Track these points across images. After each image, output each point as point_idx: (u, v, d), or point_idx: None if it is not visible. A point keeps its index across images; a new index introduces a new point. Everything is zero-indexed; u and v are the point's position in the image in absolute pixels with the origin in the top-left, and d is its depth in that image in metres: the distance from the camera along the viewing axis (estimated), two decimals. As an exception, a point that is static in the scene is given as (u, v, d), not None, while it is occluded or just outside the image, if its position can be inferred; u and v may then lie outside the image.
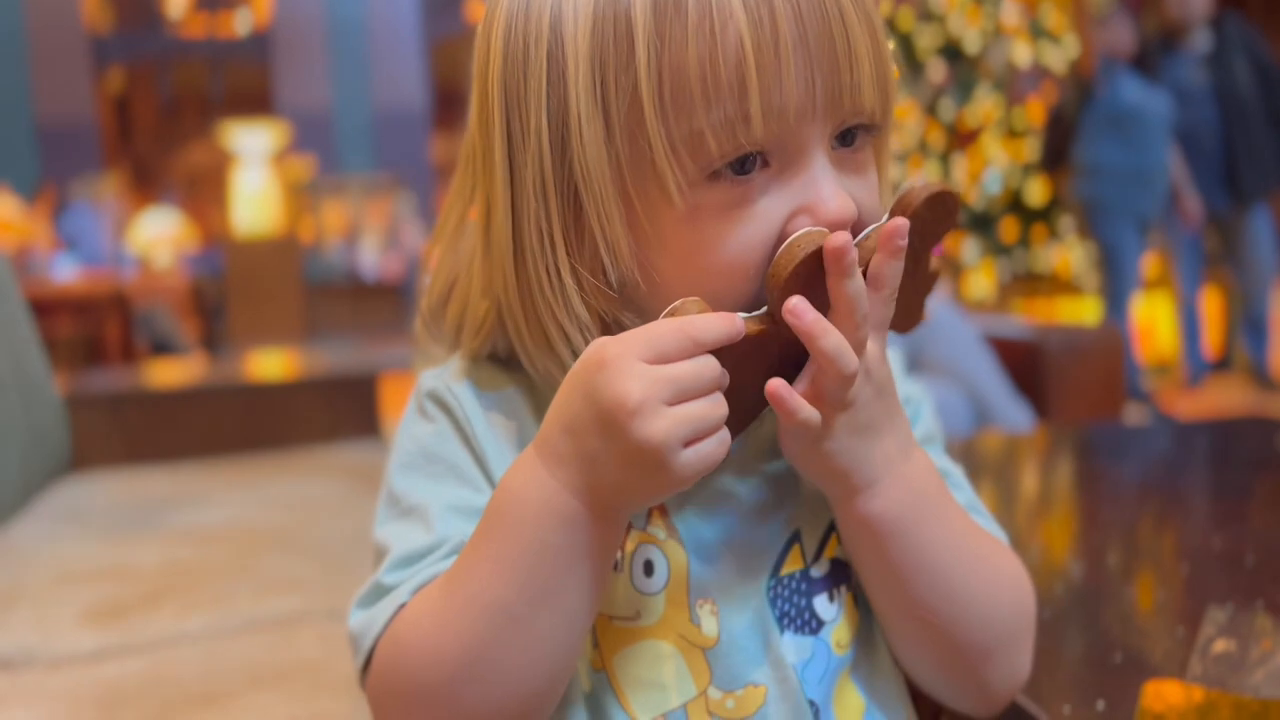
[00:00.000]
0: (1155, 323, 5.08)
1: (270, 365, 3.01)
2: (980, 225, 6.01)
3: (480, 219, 0.56)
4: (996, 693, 0.57)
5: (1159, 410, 4.01)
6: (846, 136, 0.51)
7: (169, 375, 2.81)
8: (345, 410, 2.14)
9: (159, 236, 8.92)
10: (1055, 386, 2.23)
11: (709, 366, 0.46)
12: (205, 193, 11.37)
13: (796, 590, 0.56)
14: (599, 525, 0.47)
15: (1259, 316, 4.37)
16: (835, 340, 0.47)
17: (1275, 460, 1.32)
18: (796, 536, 0.56)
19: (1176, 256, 4.46)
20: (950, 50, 6.06)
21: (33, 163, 10.04)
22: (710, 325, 0.46)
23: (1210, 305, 4.83)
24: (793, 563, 0.56)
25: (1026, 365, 2.26)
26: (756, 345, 0.48)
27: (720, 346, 0.47)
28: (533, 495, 0.47)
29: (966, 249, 5.96)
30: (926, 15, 6.05)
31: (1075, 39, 6.12)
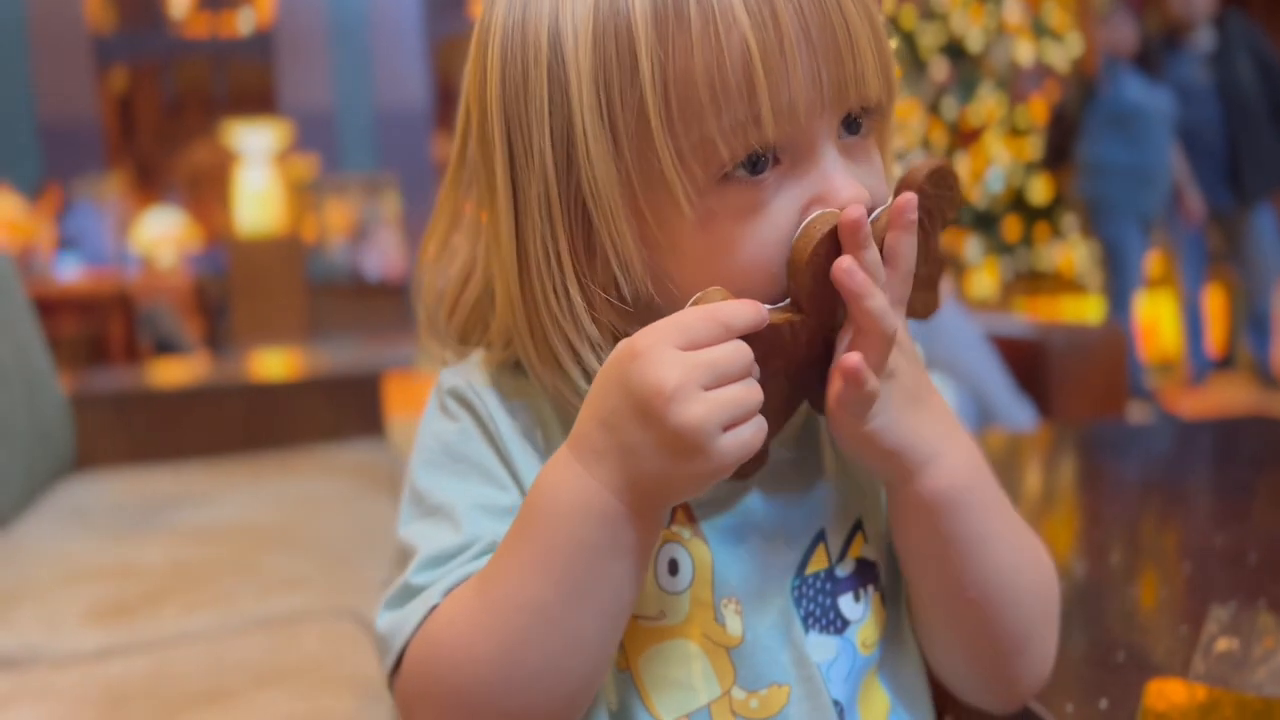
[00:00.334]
0: (1158, 321, 5.08)
1: (274, 364, 3.01)
2: (983, 224, 6.00)
3: (489, 240, 0.55)
4: (1024, 685, 0.57)
5: (1162, 408, 4.01)
6: (851, 125, 0.51)
7: (173, 375, 2.82)
8: (349, 409, 2.14)
9: (162, 236, 8.93)
10: (1058, 385, 2.23)
11: (742, 351, 0.46)
12: (208, 192, 11.38)
13: (821, 590, 0.55)
14: (637, 522, 0.47)
15: (1262, 315, 4.36)
16: (881, 301, 0.48)
17: (1278, 459, 1.32)
18: (821, 536, 0.56)
19: (1179, 255, 4.46)
20: (953, 49, 6.05)
21: (36, 162, 10.05)
22: (739, 310, 0.46)
23: (1213, 303, 4.83)
24: (818, 562, 0.56)
25: (1029, 364, 2.26)
26: (777, 341, 0.48)
27: (748, 332, 0.47)
28: (569, 493, 0.47)
29: (969, 247, 5.95)
30: (929, 14, 6.05)
31: (1078, 37, 6.11)
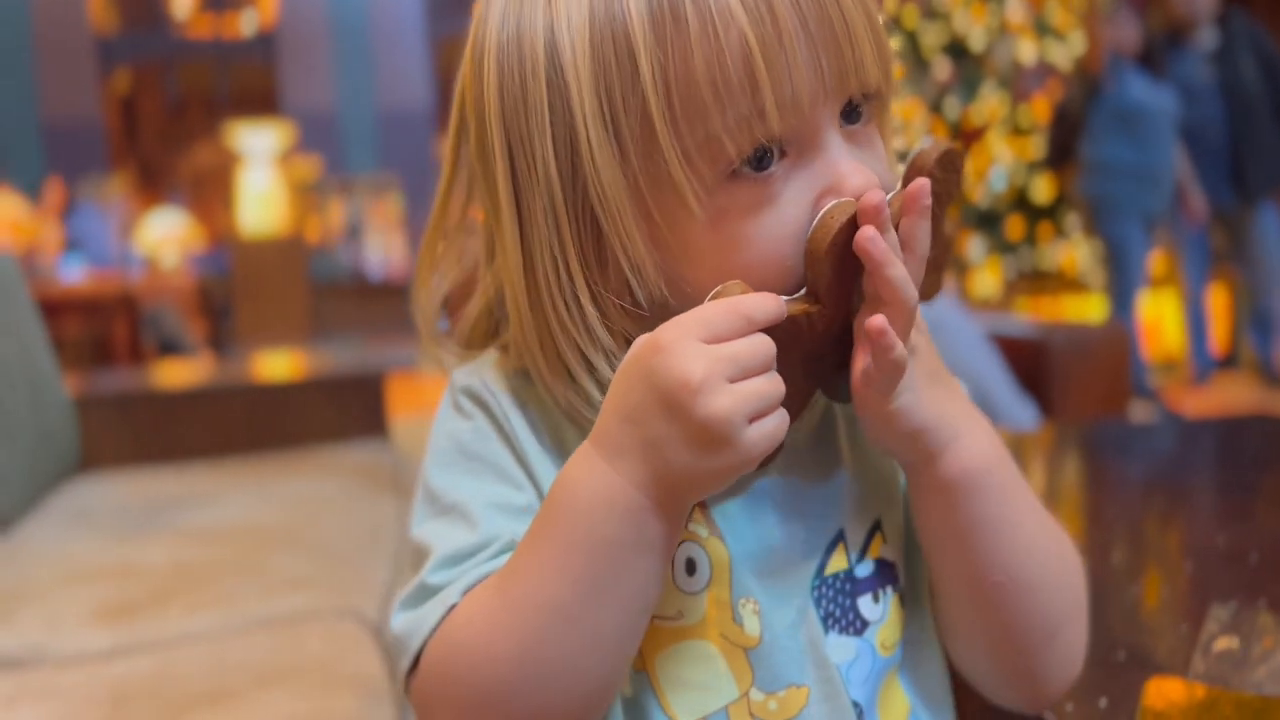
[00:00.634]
0: (1161, 320, 5.07)
1: (277, 365, 3.01)
2: (986, 223, 6.00)
3: (500, 258, 0.55)
4: (1053, 681, 0.56)
5: (1165, 408, 4.01)
6: (851, 115, 0.52)
7: (177, 375, 2.82)
8: (352, 410, 2.14)
9: (166, 236, 8.95)
10: (1061, 384, 2.23)
11: (764, 343, 0.46)
12: (211, 193, 11.39)
13: (841, 590, 0.55)
14: (661, 517, 0.47)
15: (1265, 313, 4.36)
16: (902, 271, 0.48)
17: (1280, 458, 1.32)
18: (840, 536, 0.56)
19: (1183, 253, 4.45)
20: (955, 48, 6.04)
21: (39, 164, 10.06)
22: (760, 303, 0.47)
23: (1217, 302, 4.82)
24: (837, 563, 0.55)
25: (1032, 363, 2.26)
26: (795, 332, 0.49)
27: (769, 325, 0.47)
28: (593, 489, 0.47)
29: (972, 247, 5.95)
30: (931, 13, 6.04)
31: (1080, 36, 6.10)
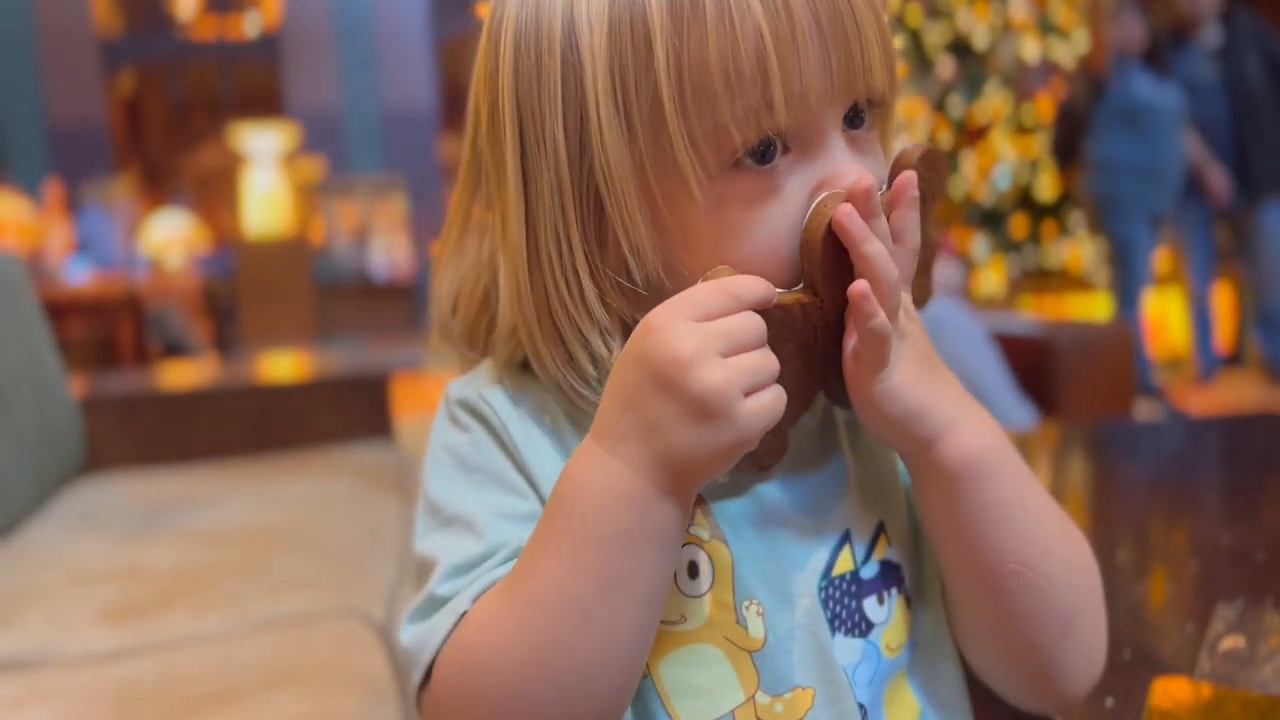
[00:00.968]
0: (1166, 318, 5.06)
1: (282, 366, 3.02)
2: (990, 221, 5.99)
3: (495, 230, 0.56)
4: (1073, 678, 0.55)
5: (1170, 406, 4.00)
6: (855, 120, 0.52)
7: (182, 377, 2.83)
8: (357, 411, 2.14)
9: (170, 238, 8.97)
10: (1066, 383, 2.23)
11: (754, 320, 0.47)
12: (216, 194, 11.42)
13: (847, 592, 0.55)
14: (666, 503, 0.47)
15: (1271, 311, 4.34)
16: (879, 248, 0.48)
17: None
18: (847, 537, 0.56)
19: (1188, 251, 4.44)
20: (959, 46, 6.03)
21: (44, 165, 10.09)
22: (748, 283, 0.47)
23: (1222, 300, 4.81)
24: (844, 564, 0.55)
25: (1037, 362, 2.26)
26: (789, 322, 0.49)
27: (758, 307, 0.47)
28: (596, 480, 0.47)
29: (976, 245, 5.94)
30: (935, 12, 6.03)
31: (1084, 34, 6.09)
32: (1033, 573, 0.53)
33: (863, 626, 0.55)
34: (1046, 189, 5.99)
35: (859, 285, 0.48)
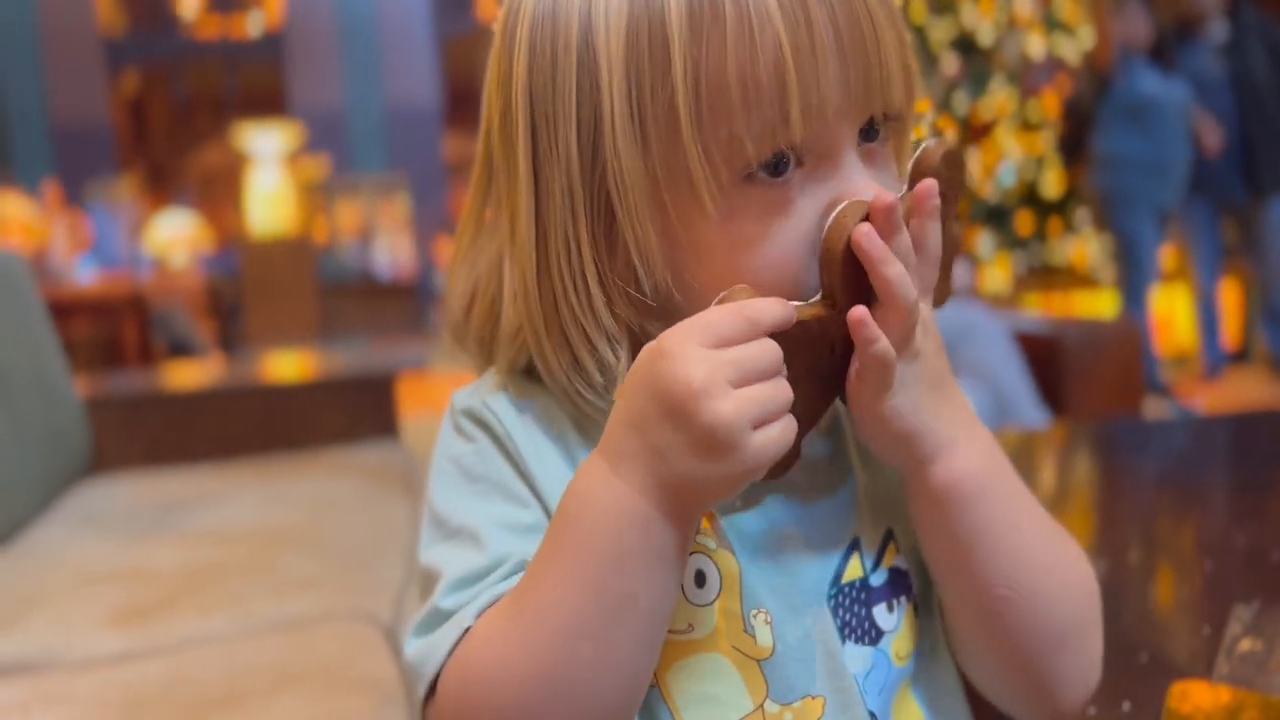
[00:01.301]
0: (1173, 314, 5.05)
1: (287, 366, 3.02)
2: (995, 218, 5.97)
3: (503, 230, 0.55)
4: (1066, 693, 0.55)
5: (1178, 403, 3.99)
6: (870, 133, 0.51)
7: (187, 377, 2.83)
8: (362, 411, 2.14)
9: (175, 237, 8.99)
10: (1073, 381, 2.22)
11: (770, 348, 0.46)
12: (220, 194, 11.42)
13: (857, 599, 0.55)
14: (671, 526, 0.46)
15: (1277, 307, 4.34)
16: (899, 269, 0.48)
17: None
18: (856, 544, 0.55)
19: (1194, 248, 4.44)
20: (964, 43, 6.02)
21: (49, 165, 10.10)
22: (767, 307, 0.46)
23: (1228, 296, 4.80)
24: (853, 571, 0.55)
25: (1044, 360, 2.25)
26: (805, 339, 0.48)
27: (776, 330, 0.46)
28: (601, 500, 0.47)
29: (982, 242, 5.93)
30: (940, 8, 6.02)
31: (1089, 30, 6.07)
32: (1020, 596, 0.53)
33: (873, 634, 0.55)
34: (1052, 185, 5.97)
35: (858, 312, 0.47)
